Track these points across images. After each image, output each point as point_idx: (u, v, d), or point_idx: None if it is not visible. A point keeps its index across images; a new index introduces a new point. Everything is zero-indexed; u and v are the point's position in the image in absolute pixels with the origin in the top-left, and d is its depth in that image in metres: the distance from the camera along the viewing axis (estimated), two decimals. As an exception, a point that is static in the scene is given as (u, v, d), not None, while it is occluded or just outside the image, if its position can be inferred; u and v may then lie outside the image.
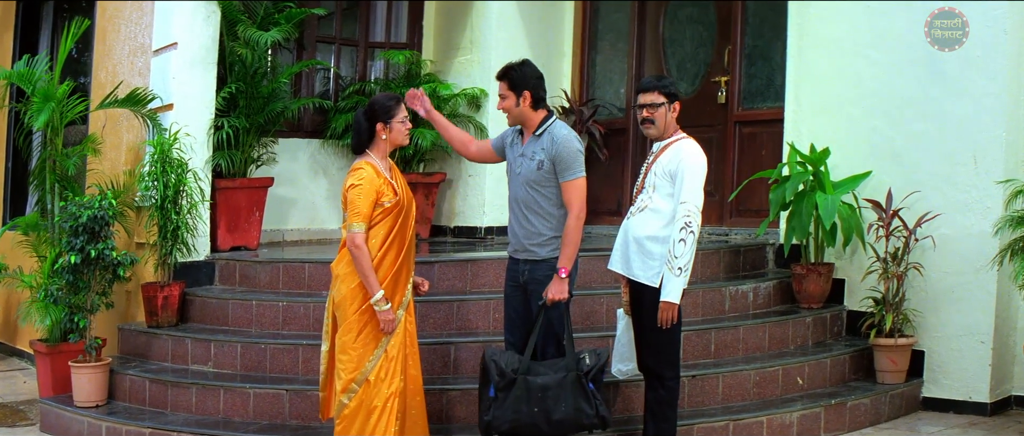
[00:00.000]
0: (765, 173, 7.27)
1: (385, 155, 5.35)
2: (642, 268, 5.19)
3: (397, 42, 9.35)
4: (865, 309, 6.79)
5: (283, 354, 6.36)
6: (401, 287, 5.30)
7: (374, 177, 5.22)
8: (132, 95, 7.46)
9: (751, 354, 6.50)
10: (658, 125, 5.24)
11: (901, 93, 6.81)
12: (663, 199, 5.16)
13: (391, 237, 5.22)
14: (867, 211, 6.80)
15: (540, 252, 5.23)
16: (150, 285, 7.09)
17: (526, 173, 5.21)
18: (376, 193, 5.19)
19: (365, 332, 5.20)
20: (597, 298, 6.48)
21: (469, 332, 6.42)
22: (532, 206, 5.22)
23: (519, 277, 5.30)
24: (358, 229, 5.13)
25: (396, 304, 5.25)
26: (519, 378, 5.06)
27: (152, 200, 7.04)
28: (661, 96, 5.23)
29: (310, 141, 8.87)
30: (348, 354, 5.20)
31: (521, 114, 5.27)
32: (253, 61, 7.71)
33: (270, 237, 8.49)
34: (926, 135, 6.72)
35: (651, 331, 5.19)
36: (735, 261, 7.27)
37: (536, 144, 5.22)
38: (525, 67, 5.28)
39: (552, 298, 5.10)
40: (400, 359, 5.24)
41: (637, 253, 5.19)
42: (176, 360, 6.75)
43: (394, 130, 5.32)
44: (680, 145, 5.22)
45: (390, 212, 5.23)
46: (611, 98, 9.19)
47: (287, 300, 6.75)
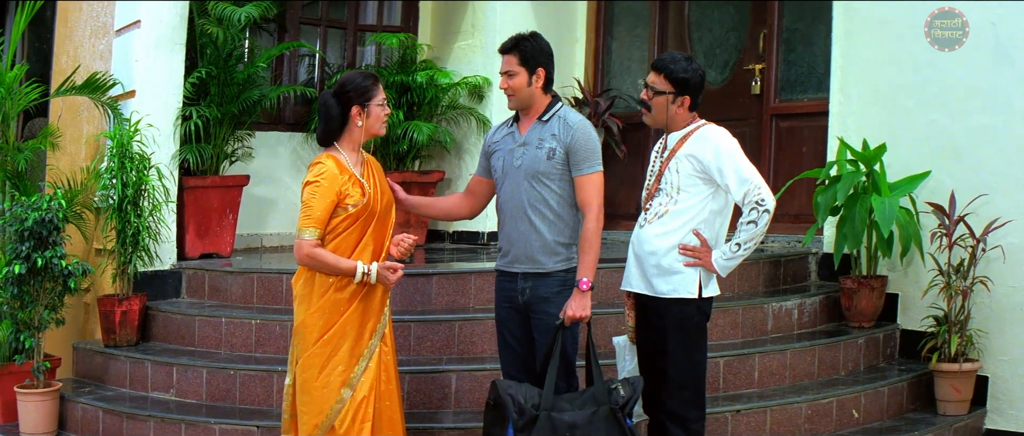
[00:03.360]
0: (813, 173, 6.71)
1: (358, 146, 4.54)
2: (666, 281, 4.42)
3: (390, 25, 8.92)
4: (925, 328, 6.29)
5: (254, 382, 5.75)
6: (375, 313, 4.47)
7: (336, 173, 4.39)
8: (90, 81, 6.93)
9: (799, 382, 5.94)
10: (655, 115, 4.50)
11: (963, 81, 6.34)
12: (688, 200, 4.41)
13: (360, 249, 4.43)
14: (925, 217, 6.32)
15: (546, 263, 4.47)
16: (107, 298, 6.55)
17: (530, 164, 4.46)
18: (338, 194, 4.37)
19: (329, 368, 4.37)
20: (619, 318, 5.69)
21: (472, 357, 5.78)
22: (536, 206, 4.46)
23: (517, 296, 4.54)
24: (309, 237, 4.33)
25: (369, 331, 4.43)
26: (541, 415, 4.27)
27: (111, 201, 6.55)
28: (666, 82, 4.44)
29: (292, 134, 8.37)
30: (310, 394, 4.39)
31: (531, 96, 4.54)
32: (226, 42, 7.21)
33: (246, 242, 8.06)
34: (991, 130, 6.25)
35: (676, 361, 4.41)
36: (775, 273, 6.72)
37: (543, 130, 4.50)
38: (538, 40, 4.57)
39: (572, 316, 4.35)
40: (373, 399, 4.42)
41: (656, 268, 4.43)
42: (135, 385, 6.20)
43: (372, 115, 4.49)
44: (703, 132, 4.45)
45: (356, 218, 4.40)
46: (629, 89, 8.76)
47: (261, 317, 6.13)
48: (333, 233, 4.39)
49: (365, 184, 4.44)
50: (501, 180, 4.59)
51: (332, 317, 4.39)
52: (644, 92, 4.54)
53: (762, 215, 4.31)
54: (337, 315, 4.40)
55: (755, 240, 4.36)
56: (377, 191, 4.49)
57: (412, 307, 5.98)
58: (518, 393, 4.32)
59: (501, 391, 4.35)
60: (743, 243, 4.35)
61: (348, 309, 4.39)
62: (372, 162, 4.61)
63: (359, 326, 4.40)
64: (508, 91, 4.55)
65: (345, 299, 4.39)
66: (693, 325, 4.43)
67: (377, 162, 4.69)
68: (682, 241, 4.40)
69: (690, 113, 4.51)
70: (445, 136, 8.27)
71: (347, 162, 4.44)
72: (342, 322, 4.40)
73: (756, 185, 4.32)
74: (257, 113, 7.68)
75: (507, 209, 4.56)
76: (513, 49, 4.51)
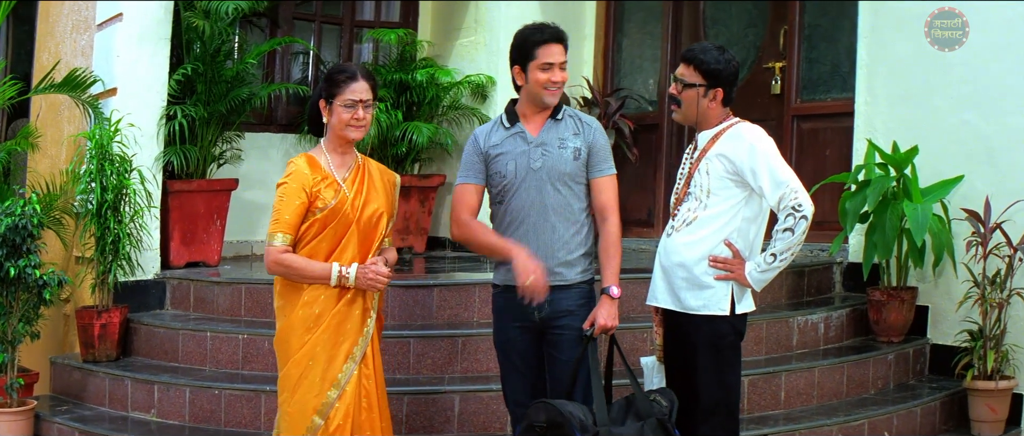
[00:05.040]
0: (840, 177, 6.44)
1: (343, 147, 4.12)
2: (696, 296, 4.08)
3: (389, 21, 8.76)
4: (957, 343, 6.06)
5: (241, 403, 5.40)
6: (351, 334, 4.03)
7: (306, 173, 3.98)
8: (69, 78, 6.68)
9: (827, 402, 5.66)
10: (685, 111, 4.16)
11: (999, 80, 6.12)
12: (718, 205, 4.07)
13: (333, 260, 4.04)
14: (957, 224, 6.07)
15: (569, 274, 4.11)
16: (86, 310, 6.26)
17: (555, 166, 4.09)
18: (307, 194, 3.95)
19: (301, 390, 3.95)
20: (638, 334, 5.47)
21: (477, 377, 5.44)
22: (562, 212, 4.11)
23: (533, 313, 4.11)
24: (277, 243, 3.93)
25: (343, 354, 4.00)
26: (603, 431, 3.95)
27: (90, 206, 6.28)
28: (697, 74, 4.10)
29: (284, 136, 8.17)
30: (286, 416, 4.00)
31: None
32: (214, 36, 6.94)
33: (236, 250, 7.80)
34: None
35: (706, 383, 4.07)
36: (799, 284, 6.43)
37: (560, 129, 4.15)
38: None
39: (603, 326, 4.02)
40: (350, 430, 4.00)
41: (685, 281, 4.09)
42: (114, 404, 5.90)
43: (334, 114, 4.04)
44: (737, 130, 4.12)
45: (325, 224, 3.98)
46: (640, 89, 8.59)
47: (249, 332, 5.80)
48: (302, 241, 3.99)
49: (344, 188, 4.02)
50: (514, 185, 4.16)
51: (304, 334, 3.97)
52: (673, 86, 4.21)
53: (799, 222, 3.97)
54: (308, 333, 3.98)
55: (792, 251, 4.03)
56: (359, 197, 4.06)
57: (411, 321, 5.65)
58: (577, 412, 3.98)
59: (558, 410, 3.98)
60: (779, 254, 4.01)
61: (318, 328, 3.97)
62: (373, 169, 4.19)
63: (331, 347, 3.97)
64: (562, 83, 4.14)
65: (314, 315, 3.97)
66: (726, 344, 4.09)
67: (387, 170, 4.27)
68: (713, 251, 4.06)
69: (723, 109, 4.17)
70: (446, 138, 8.05)
71: (326, 162, 4.05)
72: (312, 342, 3.97)
73: (793, 189, 3.98)
74: (247, 113, 7.49)
75: (524, 217, 4.15)
76: (564, 39, 4.15)
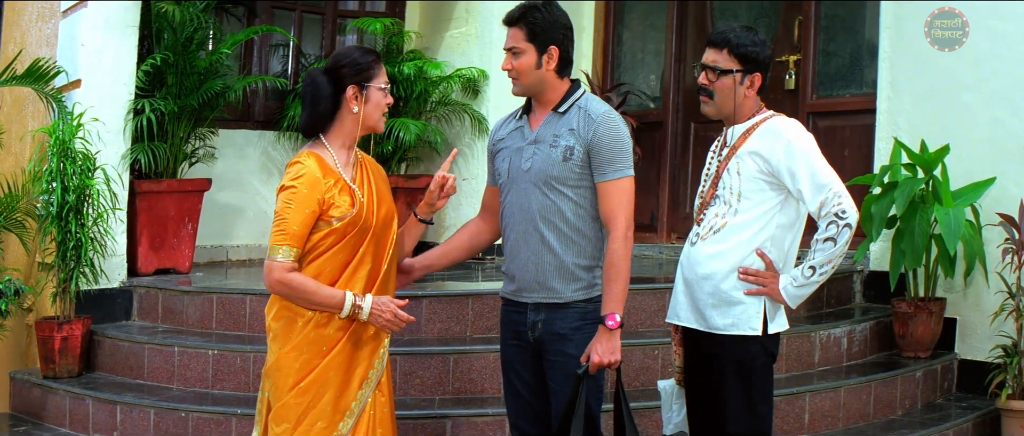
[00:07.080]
0: (865, 179, 6.09)
1: (351, 142, 3.69)
2: (723, 314, 3.64)
3: (375, 11, 8.54)
4: (990, 359, 5.72)
5: (209, 426, 5.02)
6: (367, 355, 3.61)
7: (318, 177, 3.52)
8: (31, 69, 6.35)
9: (854, 425, 5.32)
10: (719, 102, 3.73)
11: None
12: (751, 210, 3.66)
13: (349, 274, 3.58)
14: (988, 230, 5.76)
15: (563, 291, 3.64)
16: (46, 322, 5.92)
17: (541, 167, 3.65)
18: (319, 202, 3.50)
19: (306, 423, 3.51)
20: (649, 351, 5.07)
21: (471, 398, 5.05)
22: (550, 218, 3.65)
23: (526, 331, 3.71)
24: (282, 258, 3.47)
25: (359, 379, 3.58)
26: None
27: (51, 208, 5.96)
28: (733, 59, 3.67)
29: (262, 133, 7.89)
30: None
31: (541, 80, 3.70)
32: (185, 23, 6.65)
33: (209, 255, 7.54)
34: (1066, 130, 5.79)
35: (734, 413, 3.64)
36: (817, 295, 5.87)
37: (558, 124, 3.68)
38: (552, 10, 3.72)
39: (598, 362, 3.53)
40: None
41: (712, 297, 3.65)
42: (75, 425, 5.57)
43: (371, 101, 3.63)
44: (772, 125, 3.69)
45: (343, 234, 3.54)
46: (642, 84, 8.32)
47: (219, 347, 5.42)
48: (314, 252, 3.53)
49: (357, 191, 3.60)
50: (506, 187, 3.76)
51: (313, 358, 3.52)
52: (702, 76, 3.75)
53: (842, 231, 3.55)
54: (318, 357, 3.53)
55: (834, 263, 3.60)
56: (373, 200, 3.63)
57: (398, 336, 5.13)
58: None
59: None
60: (819, 266, 3.58)
61: (333, 349, 3.52)
62: (368, 163, 3.76)
63: (346, 371, 3.54)
64: (511, 73, 3.71)
65: (329, 335, 3.53)
66: (757, 368, 3.66)
67: (376, 163, 3.85)
68: (743, 263, 3.61)
69: (757, 99, 3.75)
70: (435, 135, 7.73)
71: (334, 161, 3.59)
72: (324, 365, 3.53)
73: (836, 193, 3.57)
74: (221, 107, 7.20)
75: (513, 224, 3.73)
76: (520, 20, 3.67)
